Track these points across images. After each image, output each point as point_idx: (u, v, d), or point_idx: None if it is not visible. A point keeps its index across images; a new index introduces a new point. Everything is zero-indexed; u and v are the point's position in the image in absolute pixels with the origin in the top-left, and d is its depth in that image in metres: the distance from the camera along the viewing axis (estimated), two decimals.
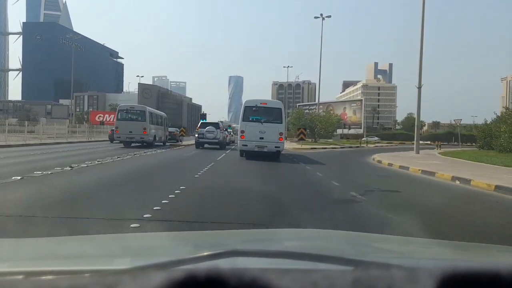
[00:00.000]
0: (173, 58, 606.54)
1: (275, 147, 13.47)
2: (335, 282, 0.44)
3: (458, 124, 28.59)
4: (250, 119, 13.63)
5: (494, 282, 0.44)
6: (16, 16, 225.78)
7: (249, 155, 13.82)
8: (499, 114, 24.63)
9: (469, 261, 1.20)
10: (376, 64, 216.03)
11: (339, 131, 41.87)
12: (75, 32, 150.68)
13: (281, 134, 13.56)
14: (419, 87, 18.77)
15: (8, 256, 1.14)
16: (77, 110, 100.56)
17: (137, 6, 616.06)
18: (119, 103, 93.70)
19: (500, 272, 0.44)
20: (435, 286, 0.43)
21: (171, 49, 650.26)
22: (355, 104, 79.00)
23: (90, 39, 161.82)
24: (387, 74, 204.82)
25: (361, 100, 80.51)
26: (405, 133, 72.87)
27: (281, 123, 13.74)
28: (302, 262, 0.75)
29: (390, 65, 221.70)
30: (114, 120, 21.01)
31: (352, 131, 59.53)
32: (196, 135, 20.90)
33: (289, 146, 26.21)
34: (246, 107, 13.88)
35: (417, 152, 19.01)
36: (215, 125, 21.18)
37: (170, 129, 27.80)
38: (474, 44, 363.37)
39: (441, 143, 28.60)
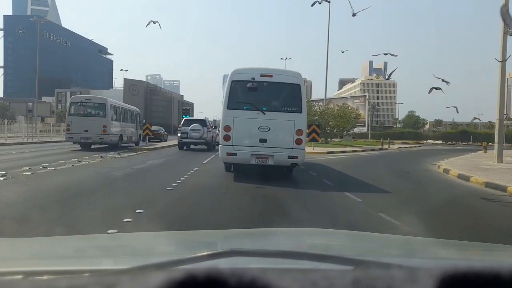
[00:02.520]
0: (167, 57, 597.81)
1: (289, 157, 7.49)
2: (334, 282, 0.44)
3: (506, 117, 22.08)
4: (242, 106, 7.67)
5: (495, 281, 0.44)
6: (2, 12, 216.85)
7: (241, 169, 8.35)
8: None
9: (469, 260, 1.17)
10: (371, 62, 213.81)
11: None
12: (50, 21, 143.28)
13: (300, 133, 7.53)
14: (503, 60, 12.52)
15: (6, 256, 1.11)
16: (59, 107, 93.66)
17: (130, 3, 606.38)
18: None
19: (500, 271, 0.44)
20: (436, 285, 0.43)
21: (165, 48, 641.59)
22: (358, 100, 73.49)
23: (77, 34, 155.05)
24: (382, 72, 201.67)
25: (365, 95, 74.87)
26: (413, 132, 67.42)
27: (300, 112, 7.66)
28: (302, 261, 0.74)
29: (385, 63, 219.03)
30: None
31: (355, 129, 53.52)
32: (179, 134, 17.81)
33: None
34: (234, 83, 7.69)
35: (500, 160, 12.65)
36: (201, 122, 18.00)
37: (153, 128, 25.16)
38: (473, 42, 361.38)
39: (486, 144, 22.29)
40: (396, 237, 2.30)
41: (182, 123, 18.20)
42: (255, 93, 7.64)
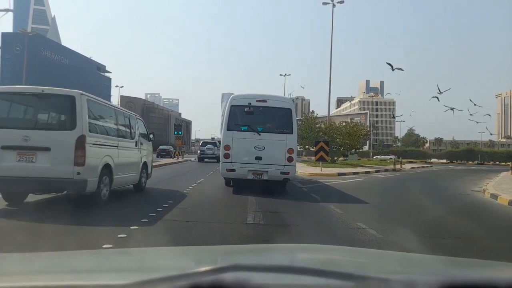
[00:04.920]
0: (167, 76, 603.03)
1: (282, 172, 8.51)
2: None
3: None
4: (240, 127, 8.70)
5: None
6: (2, 30, 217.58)
7: (240, 184, 9.16)
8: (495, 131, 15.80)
9: (467, 275, 1.17)
10: (367, 81, 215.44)
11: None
12: (52, 40, 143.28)
13: (291, 151, 8.60)
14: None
15: (13, 271, 1.11)
16: None
17: (130, 22, 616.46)
18: None
19: (498, 284, 0.44)
20: None
21: (165, 67, 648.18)
22: (358, 118, 71.93)
23: (75, 51, 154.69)
24: (378, 91, 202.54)
25: (366, 113, 73.32)
26: (417, 150, 65.54)
27: (291, 133, 8.65)
28: (303, 277, 0.75)
29: (382, 82, 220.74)
30: None
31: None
32: (198, 152, 26.75)
33: (302, 169, 17.93)
34: (233, 107, 8.73)
35: None
36: (213, 143, 26.30)
37: (164, 147, 34.84)
38: (468, 60, 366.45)
39: None
40: (396, 253, 2.20)
41: (200, 144, 28.23)
42: (252, 116, 8.66)
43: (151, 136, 9.09)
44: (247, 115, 8.61)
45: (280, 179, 8.57)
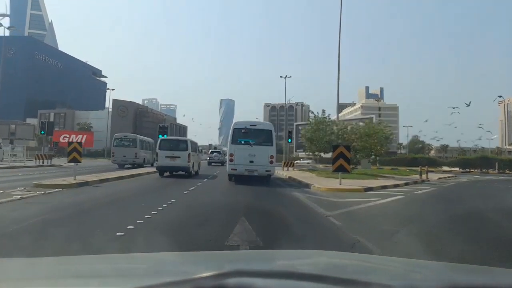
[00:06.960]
0: (164, 82, 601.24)
1: (266, 171, 13.15)
2: None
3: None
4: (239, 141, 13.32)
5: None
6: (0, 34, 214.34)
7: (238, 179, 13.51)
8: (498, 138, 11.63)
9: (469, 281, 1.17)
10: (367, 88, 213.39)
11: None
12: (47, 44, 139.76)
13: (271, 157, 13.18)
14: None
15: (18, 276, 1.12)
16: (42, 130, 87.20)
17: (128, 29, 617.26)
18: (90, 121, 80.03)
19: None
20: None
21: (162, 73, 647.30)
22: (362, 123, 67.88)
23: (71, 56, 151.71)
24: (378, 98, 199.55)
25: (372, 117, 69.30)
26: (426, 158, 61.42)
27: (272, 145, 13.36)
28: (306, 282, 0.76)
29: (381, 89, 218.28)
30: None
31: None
32: (208, 158, 35.80)
33: (315, 182, 13.93)
34: (235, 129, 13.61)
35: None
36: (218, 152, 36.68)
37: None
38: (471, 66, 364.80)
39: None
40: (397, 259, 2.19)
41: (209, 152, 38.36)
42: (247, 134, 13.48)
43: (201, 150, 24.99)
44: (244, 134, 13.35)
45: (265, 175, 13.28)
